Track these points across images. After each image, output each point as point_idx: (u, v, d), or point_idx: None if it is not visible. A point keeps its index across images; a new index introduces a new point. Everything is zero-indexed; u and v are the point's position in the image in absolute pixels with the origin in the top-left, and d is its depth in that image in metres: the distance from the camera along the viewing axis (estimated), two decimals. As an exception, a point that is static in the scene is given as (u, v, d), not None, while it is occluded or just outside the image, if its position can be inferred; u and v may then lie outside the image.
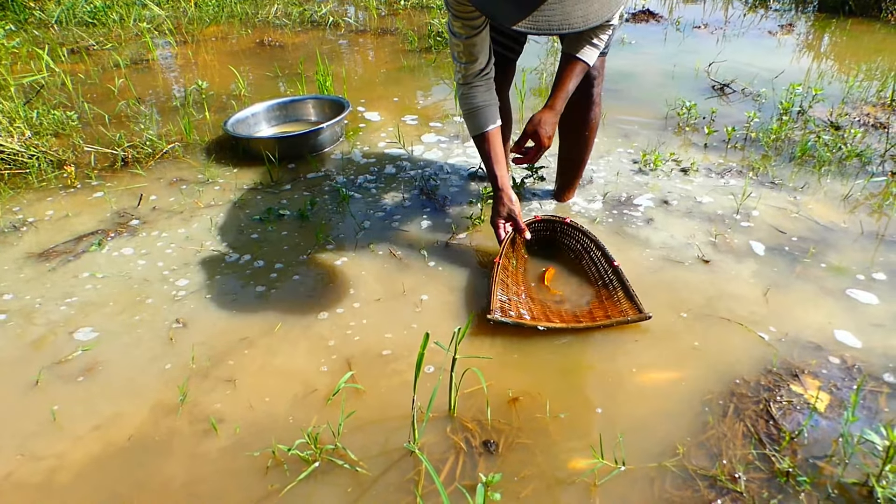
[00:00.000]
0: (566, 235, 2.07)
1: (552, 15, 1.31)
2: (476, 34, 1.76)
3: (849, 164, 2.61)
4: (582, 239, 2.01)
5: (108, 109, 3.40)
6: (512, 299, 1.80)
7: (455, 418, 1.45)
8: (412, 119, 3.27)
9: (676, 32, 4.90)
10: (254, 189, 2.58)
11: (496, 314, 1.69)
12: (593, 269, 1.93)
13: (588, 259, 1.96)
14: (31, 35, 4.99)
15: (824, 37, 4.80)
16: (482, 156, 1.92)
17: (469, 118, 1.91)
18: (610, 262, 1.86)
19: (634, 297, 1.73)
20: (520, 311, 1.75)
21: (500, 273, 1.83)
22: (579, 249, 2.02)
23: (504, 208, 1.90)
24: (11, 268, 2.08)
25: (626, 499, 1.25)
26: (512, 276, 1.91)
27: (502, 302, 1.76)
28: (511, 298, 1.80)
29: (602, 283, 1.86)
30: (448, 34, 1.83)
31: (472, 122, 1.91)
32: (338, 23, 5.39)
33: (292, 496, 1.28)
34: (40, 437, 1.44)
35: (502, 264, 1.87)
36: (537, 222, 2.07)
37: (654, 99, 3.42)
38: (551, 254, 2.08)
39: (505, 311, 1.73)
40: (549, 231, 2.10)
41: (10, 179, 2.67)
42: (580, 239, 2.02)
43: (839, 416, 1.42)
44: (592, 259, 1.95)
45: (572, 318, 1.75)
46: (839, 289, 1.85)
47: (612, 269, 1.84)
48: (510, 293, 1.82)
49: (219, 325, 1.78)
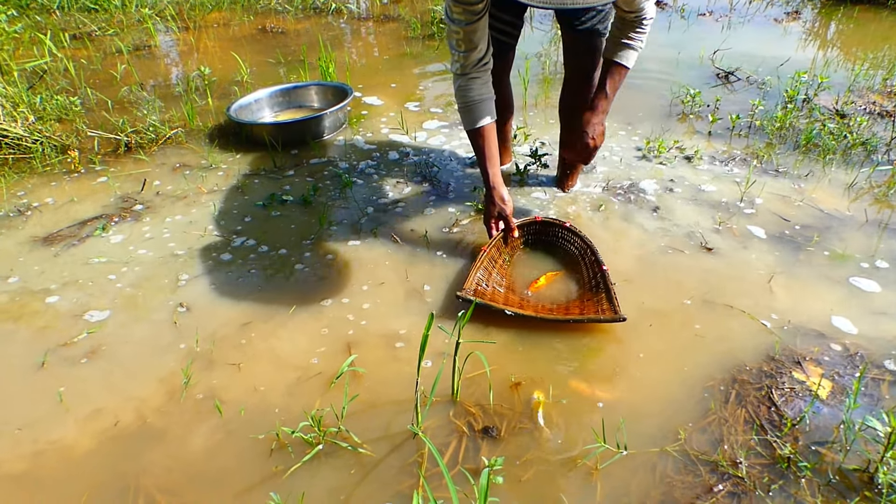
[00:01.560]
0: (565, 240, 2.03)
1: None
2: (477, 20, 1.71)
3: (854, 152, 2.60)
4: (579, 244, 1.97)
5: (110, 95, 3.39)
6: (492, 286, 1.81)
7: (458, 403, 1.46)
8: (414, 105, 3.26)
9: (681, 20, 4.86)
10: (257, 175, 2.58)
11: (467, 293, 1.71)
12: (586, 273, 1.89)
13: (584, 264, 1.93)
14: (33, 20, 4.97)
15: (831, 24, 4.76)
16: (476, 151, 1.88)
17: (465, 112, 1.87)
18: (599, 266, 1.83)
19: (614, 298, 1.69)
20: (494, 297, 1.76)
21: (485, 260, 1.85)
22: (576, 254, 1.98)
23: (495, 208, 1.89)
24: (17, 252, 2.08)
25: (628, 483, 1.26)
26: (499, 268, 1.92)
27: (479, 283, 1.78)
28: (491, 285, 1.81)
29: (589, 287, 1.83)
30: (446, 21, 1.77)
31: (468, 116, 1.87)
32: (340, 9, 5.36)
33: (296, 478, 1.29)
34: (47, 419, 1.45)
35: (490, 254, 1.88)
36: (537, 223, 2.05)
37: (658, 86, 3.40)
38: (551, 253, 2.05)
39: (478, 292, 1.75)
40: (549, 234, 2.07)
41: (14, 164, 2.67)
42: (578, 245, 1.98)
43: (841, 402, 1.43)
44: (587, 264, 1.91)
45: (544, 310, 1.75)
46: (842, 277, 1.85)
47: (601, 272, 1.81)
48: (492, 281, 1.83)
49: (222, 310, 1.79)
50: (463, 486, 1.25)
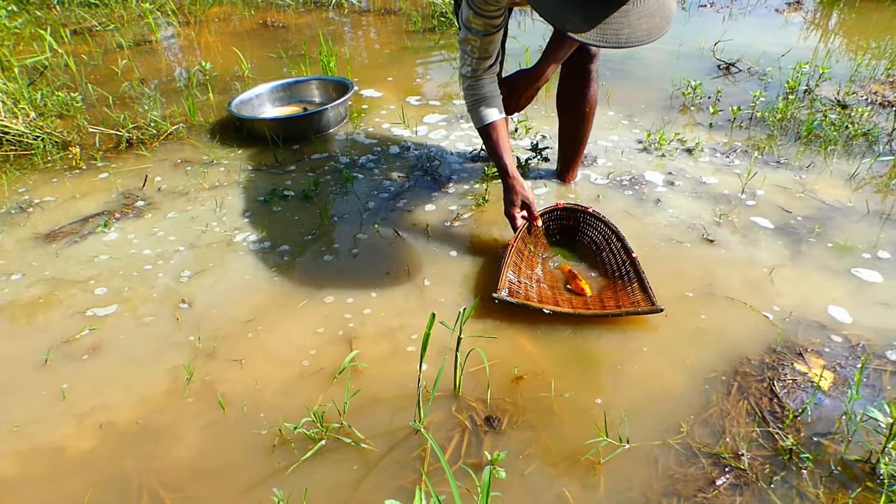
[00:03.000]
0: (588, 225, 2.02)
1: (619, 29, 1.32)
2: (494, 32, 1.75)
3: (855, 143, 2.59)
4: (603, 230, 1.96)
5: (111, 91, 3.39)
6: (522, 282, 1.79)
7: (460, 397, 1.46)
8: (416, 100, 3.25)
9: (682, 11, 4.84)
10: (258, 170, 2.58)
11: (502, 293, 1.69)
12: (612, 260, 1.89)
13: (608, 250, 1.92)
14: (33, 16, 4.95)
15: (832, 14, 4.73)
16: (489, 146, 1.91)
17: (474, 110, 1.90)
18: (628, 254, 1.82)
19: (649, 289, 1.69)
20: (528, 294, 1.75)
21: (513, 255, 1.83)
22: (600, 240, 1.97)
23: (518, 196, 1.88)
24: (19, 248, 2.09)
25: (631, 476, 1.27)
26: (527, 260, 1.91)
27: (511, 282, 1.76)
28: (521, 281, 1.79)
29: (619, 275, 1.83)
30: (462, 29, 1.78)
31: (478, 113, 1.90)
32: (341, 3, 5.34)
33: (299, 473, 1.29)
34: (50, 415, 1.46)
35: (517, 247, 1.86)
36: (559, 210, 2.03)
37: (659, 78, 3.39)
38: (572, 242, 2.05)
39: (512, 291, 1.73)
40: (571, 220, 2.05)
41: (15, 161, 2.67)
42: (602, 230, 1.97)
43: (843, 394, 1.43)
44: (612, 251, 1.90)
45: (582, 306, 1.74)
46: (844, 268, 1.85)
47: (630, 260, 1.80)
48: (521, 276, 1.81)
49: (224, 305, 1.79)
50: (466, 481, 1.25)
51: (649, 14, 1.34)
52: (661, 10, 1.36)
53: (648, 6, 1.33)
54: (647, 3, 1.33)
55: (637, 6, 1.32)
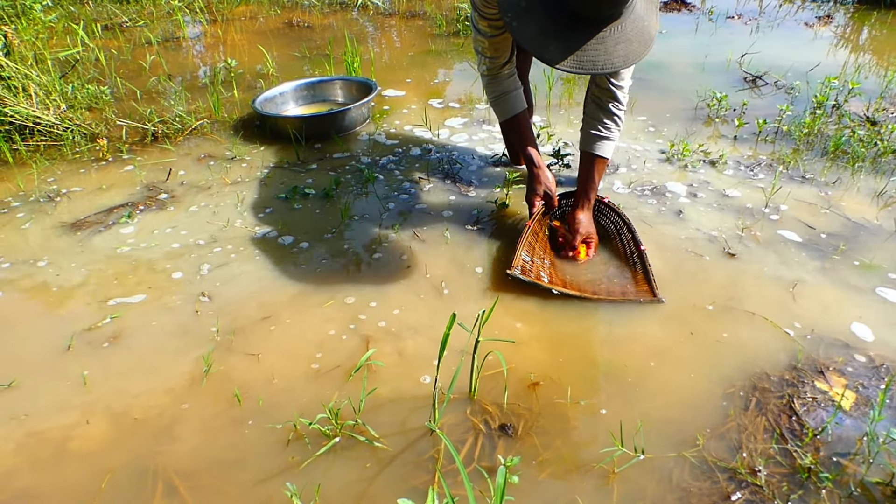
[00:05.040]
0: (602, 214, 2.11)
1: (596, 56, 1.38)
2: (501, 33, 1.80)
3: (884, 160, 2.55)
4: (616, 219, 2.06)
5: (139, 85, 3.44)
6: (535, 262, 1.86)
7: (475, 400, 1.46)
8: (438, 102, 3.26)
9: (709, 23, 4.81)
10: (280, 167, 2.60)
11: (515, 271, 1.76)
12: (622, 249, 1.98)
13: (619, 240, 2.01)
14: (66, 10, 5.04)
15: (863, 29, 4.68)
16: (514, 139, 1.95)
17: (497, 104, 1.96)
18: (637, 245, 1.91)
19: (652, 281, 1.78)
20: (539, 274, 1.82)
21: (529, 236, 1.91)
22: (612, 229, 2.06)
23: (541, 186, 1.94)
24: (46, 236, 2.12)
25: (644, 487, 1.25)
26: (541, 242, 1.97)
27: (524, 262, 1.83)
28: (534, 261, 1.86)
29: (626, 264, 1.92)
30: (472, 30, 1.88)
31: (501, 107, 1.95)
32: (366, 5, 5.38)
33: (312, 469, 1.30)
34: (71, 401, 1.48)
35: (533, 228, 1.93)
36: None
37: (684, 89, 3.37)
38: None
39: (525, 270, 1.80)
40: None
41: (45, 151, 2.72)
42: (614, 219, 2.07)
43: (864, 414, 1.40)
44: (622, 241, 2.00)
45: (588, 290, 1.80)
46: (869, 286, 1.82)
47: (638, 252, 1.89)
48: (535, 256, 1.89)
49: (243, 300, 1.81)
50: (478, 484, 1.25)
51: (626, 40, 1.39)
52: (640, 35, 1.41)
53: (626, 32, 1.39)
54: (624, 29, 1.39)
55: (614, 33, 1.39)
